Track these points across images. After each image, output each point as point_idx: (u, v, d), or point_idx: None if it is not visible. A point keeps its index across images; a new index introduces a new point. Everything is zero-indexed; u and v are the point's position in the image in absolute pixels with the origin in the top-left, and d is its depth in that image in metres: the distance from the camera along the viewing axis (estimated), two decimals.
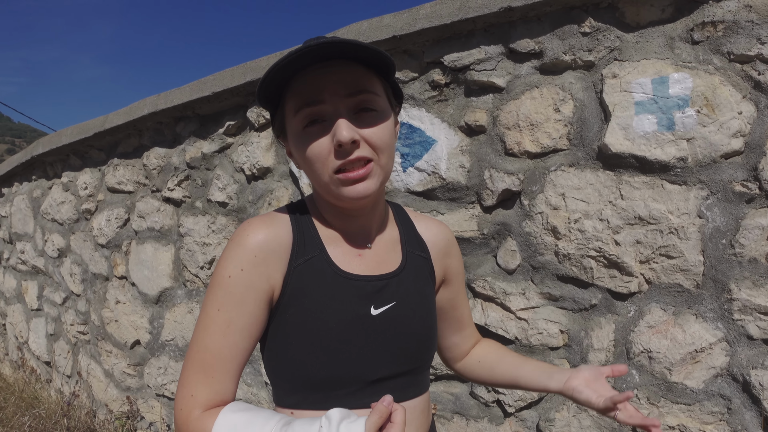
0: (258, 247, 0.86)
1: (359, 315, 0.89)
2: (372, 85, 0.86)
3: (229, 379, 0.84)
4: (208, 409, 0.81)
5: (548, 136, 1.74)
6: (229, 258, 0.85)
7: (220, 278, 0.85)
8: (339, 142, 0.81)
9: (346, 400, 0.86)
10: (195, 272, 2.78)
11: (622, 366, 1.01)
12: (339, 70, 0.83)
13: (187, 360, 0.85)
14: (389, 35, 1.92)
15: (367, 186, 0.85)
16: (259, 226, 0.88)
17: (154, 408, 3.15)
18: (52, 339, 4.15)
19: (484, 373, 1.18)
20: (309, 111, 0.84)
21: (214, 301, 0.84)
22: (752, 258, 1.50)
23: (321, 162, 0.84)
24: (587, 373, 1.01)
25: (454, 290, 1.13)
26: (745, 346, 1.53)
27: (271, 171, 2.45)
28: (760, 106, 1.48)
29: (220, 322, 0.83)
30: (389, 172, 0.91)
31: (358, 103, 0.84)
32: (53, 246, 3.87)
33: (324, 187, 0.88)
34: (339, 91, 0.83)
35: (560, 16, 1.70)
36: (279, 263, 0.87)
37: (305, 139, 0.85)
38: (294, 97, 0.85)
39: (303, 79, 0.84)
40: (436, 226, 1.10)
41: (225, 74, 2.45)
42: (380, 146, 0.85)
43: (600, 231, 1.66)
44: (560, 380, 1.03)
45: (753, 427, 1.52)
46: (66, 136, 3.49)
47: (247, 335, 0.85)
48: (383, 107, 0.88)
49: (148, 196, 3.05)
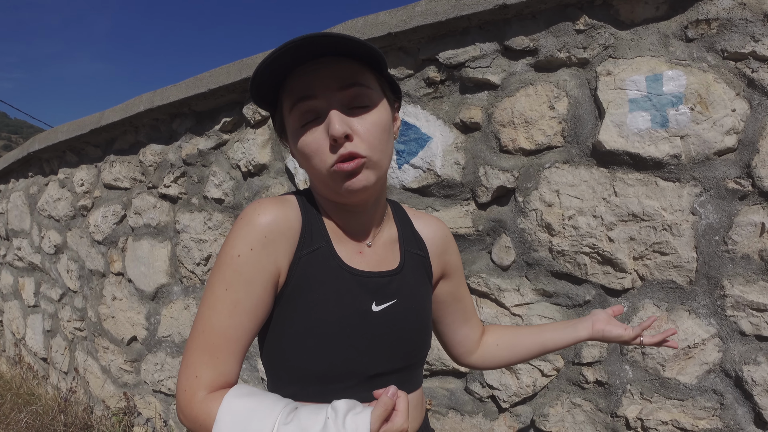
0: (268, 227, 0.84)
1: (361, 310, 0.90)
2: (364, 78, 0.86)
3: (234, 360, 0.82)
4: (212, 391, 0.79)
5: (543, 133, 1.75)
6: (238, 237, 0.84)
7: (228, 257, 0.83)
8: (333, 137, 0.81)
9: (344, 394, 0.87)
10: (191, 269, 2.78)
11: (619, 306, 1.21)
12: (331, 65, 0.83)
13: (191, 340, 0.83)
14: (384, 32, 1.92)
15: (362, 179, 0.84)
16: (270, 206, 0.87)
17: (151, 404, 3.15)
18: (48, 335, 4.15)
19: (506, 353, 1.20)
20: (302, 106, 0.84)
21: (221, 280, 0.83)
22: (745, 254, 1.51)
23: (319, 157, 0.84)
24: (603, 315, 1.18)
25: (454, 284, 1.15)
26: (737, 342, 1.54)
27: (267, 167, 2.45)
28: (753, 103, 1.49)
29: (227, 302, 0.82)
30: (386, 167, 0.90)
31: (350, 97, 0.84)
32: (50, 242, 3.87)
33: (324, 182, 0.88)
34: (331, 84, 0.83)
35: (555, 13, 1.70)
36: (287, 247, 0.87)
37: (302, 136, 0.85)
38: (288, 96, 0.86)
39: (295, 77, 0.84)
40: (434, 223, 1.11)
41: (221, 71, 2.45)
42: (373, 142, 0.85)
43: (594, 228, 1.67)
44: (587, 327, 1.16)
45: (745, 422, 1.53)
46: (62, 132, 3.48)
47: (254, 317, 0.84)
48: (377, 101, 0.87)
49: (145, 193, 3.05)
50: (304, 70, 0.84)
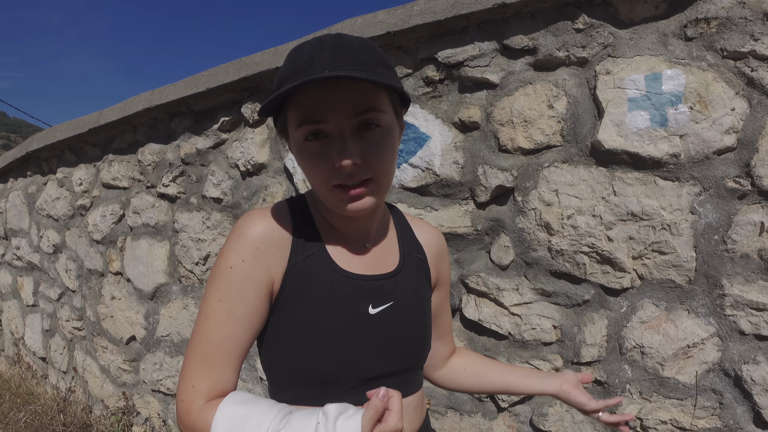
0: (259, 238, 0.86)
1: (357, 313, 0.90)
2: (378, 102, 0.82)
3: (230, 369, 0.84)
4: (209, 400, 0.81)
5: (542, 132, 1.74)
6: (230, 249, 0.86)
7: (221, 269, 0.85)
8: (340, 166, 0.79)
9: (342, 397, 0.87)
10: (190, 268, 2.78)
11: (588, 375, 1.18)
12: (344, 86, 0.79)
13: (188, 351, 0.85)
14: (383, 31, 1.91)
15: (365, 203, 0.84)
16: (260, 218, 0.88)
17: (150, 403, 3.15)
18: (47, 335, 4.15)
19: (470, 381, 1.21)
20: (310, 129, 0.81)
21: (215, 292, 0.85)
22: (744, 254, 1.50)
23: (321, 177, 0.83)
24: (573, 378, 1.15)
25: (440, 295, 1.15)
26: (737, 342, 1.53)
27: (265, 167, 2.44)
28: (752, 102, 1.49)
29: (221, 313, 0.84)
30: (389, 185, 0.89)
31: (361, 123, 0.81)
32: (48, 242, 3.86)
33: (324, 196, 0.87)
34: (343, 110, 0.79)
35: (554, 12, 1.70)
36: (279, 256, 0.88)
37: (306, 151, 0.83)
38: (296, 109, 0.81)
39: (306, 93, 0.80)
40: (431, 230, 1.11)
41: (219, 70, 2.45)
42: (381, 166, 0.83)
43: (593, 227, 1.67)
44: (555, 384, 1.14)
45: (744, 421, 1.53)
46: (61, 131, 3.48)
47: (248, 326, 0.86)
48: (388, 123, 0.84)
49: (143, 192, 3.04)
50: (315, 85, 0.79)
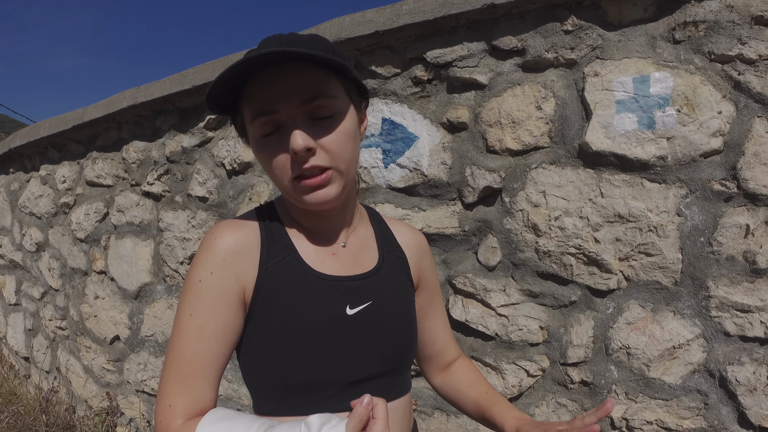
0: (226, 249, 0.85)
1: (334, 315, 0.87)
2: (328, 87, 0.83)
3: (208, 385, 0.82)
4: (188, 419, 0.79)
5: (530, 133, 1.74)
6: (198, 263, 0.85)
7: (191, 283, 0.84)
8: (293, 151, 0.80)
9: (326, 403, 0.85)
10: (175, 267, 2.74)
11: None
12: (293, 75, 0.80)
13: (164, 369, 0.83)
14: (372, 30, 1.90)
15: (327, 192, 0.84)
16: (226, 229, 0.87)
17: (134, 404, 3.12)
18: (30, 334, 4.09)
19: (453, 395, 1.14)
20: (263, 120, 0.82)
21: (186, 306, 0.83)
22: (730, 256, 1.52)
23: (279, 169, 0.84)
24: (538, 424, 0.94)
25: (427, 297, 1.11)
26: (722, 343, 1.55)
27: (251, 166, 2.42)
28: (739, 105, 1.49)
29: (193, 328, 0.82)
30: (353, 175, 0.89)
31: (313, 110, 0.82)
32: (31, 240, 3.81)
33: (286, 192, 0.87)
34: (293, 98, 0.80)
35: (543, 13, 1.70)
36: (249, 265, 0.86)
37: (264, 147, 0.84)
38: (249, 104, 0.83)
39: (255, 84, 0.81)
40: (411, 230, 1.10)
41: (206, 67, 2.42)
42: (338, 152, 0.83)
43: (580, 228, 1.67)
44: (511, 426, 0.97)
45: (729, 422, 1.54)
46: (44, 128, 3.42)
47: (222, 339, 0.84)
48: (342, 109, 0.85)
49: (128, 190, 3.00)
50: (264, 78, 0.81)
